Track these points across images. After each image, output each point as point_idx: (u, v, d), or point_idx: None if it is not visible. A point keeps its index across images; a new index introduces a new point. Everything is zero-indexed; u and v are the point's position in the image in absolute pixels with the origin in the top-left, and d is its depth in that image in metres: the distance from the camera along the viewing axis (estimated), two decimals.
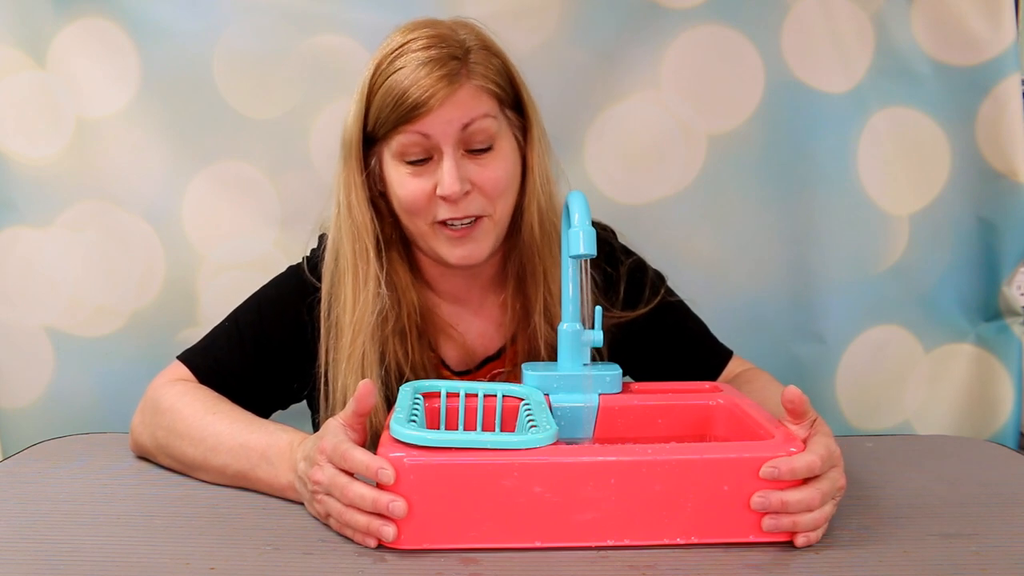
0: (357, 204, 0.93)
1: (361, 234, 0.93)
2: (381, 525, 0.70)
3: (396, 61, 0.88)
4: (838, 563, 0.68)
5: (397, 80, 0.87)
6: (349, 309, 0.93)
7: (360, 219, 0.93)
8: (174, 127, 1.30)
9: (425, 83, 0.86)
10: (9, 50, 1.28)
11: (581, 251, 0.78)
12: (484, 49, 0.91)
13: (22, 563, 0.69)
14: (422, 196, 0.90)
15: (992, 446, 1.04)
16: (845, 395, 1.38)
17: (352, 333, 0.92)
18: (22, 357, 1.33)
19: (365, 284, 0.93)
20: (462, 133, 0.89)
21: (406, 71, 0.87)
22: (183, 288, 1.32)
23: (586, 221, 0.79)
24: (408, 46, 0.89)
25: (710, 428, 0.87)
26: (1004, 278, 1.35)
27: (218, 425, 0.87)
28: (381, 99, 0.88)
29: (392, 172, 0.92)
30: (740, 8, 1.31)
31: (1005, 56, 1.28)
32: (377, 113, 0.89)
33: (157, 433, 0.90)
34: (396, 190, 0.92)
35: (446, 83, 0.86)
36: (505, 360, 1.01)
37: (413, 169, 0.90)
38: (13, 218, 1.31)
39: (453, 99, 0.87)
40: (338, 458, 0.73)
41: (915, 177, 1.35)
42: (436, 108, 0.87)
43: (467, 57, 0.89)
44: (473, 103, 0.89)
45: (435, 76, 0.86)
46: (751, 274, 1.35)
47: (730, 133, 1.33)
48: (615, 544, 0.69)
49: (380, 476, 0.69)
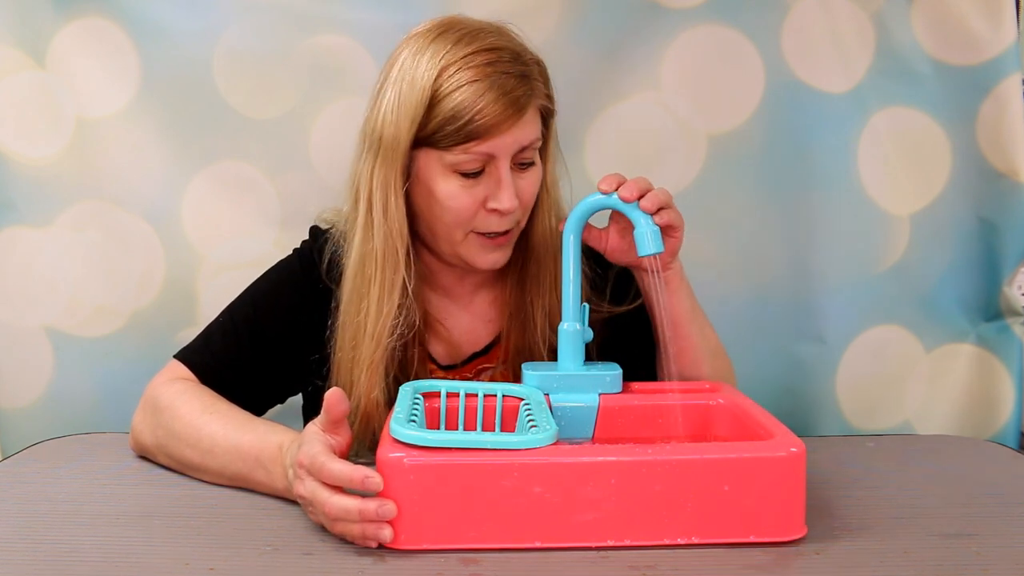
0: (396, 209, 0.90)
1: (394, 240, 0.91)
2: (377, 530, 0.69)
3: (465, 72, 0.86)
4: (838, 563, 0.68)
5: (469, 97, 0.86)
6: (373, 317, 0.91)
7: (397, 225, 0.90)
8: (174, 127, 1.29)
9: (500, 105, 0.86)
10: (9, 50, 1.27)
11: (651, 249, 0.83)
12: (537, 64, 0.93)
13: (22, 563, 0.69)
14: (472, 207, 0.90)
15: (993, 446, 1.04)
16: (845, 395, 1.38)
17: (375, 343, 0.91)
18: (22, 357, 1.33)
19: (391, 293, 0.91)
20: (519, 153, 0.90)
21: (479, 88, 0.86)
22: (183, 288, 1.32)
23: (650, 220, 0.83)
24: (476, 58, 0.87)
25: (710, 428, 0.87)
26: (1005, 278, 1.34)
27: (213, 426, 0.86)
28: (450, 111, 0.86)
29: (441, 182, 0.90)
30: (740, 8, 1.30)
31: (1006, 56, 1.28)
32: (442, 123, 0.87)
33: (157, 432, 0.90)
34: (445, 200, 0.90)
35: (517, 107, 0.87)
36: (493, 356, 1.01)
37: (466, 182, 0.90)
38: (13, 218, 1.31)
39: (521, 122, 0.88)
40: (316, 472, 0.72)
41: (916, 177, 1.34)
42: (506, 131, 0.87)
43: (530, 74, 0.90)
44: (533, 125, 0.91)
45: (509, 98, 0.87)
46: (751, 274, 1.35)
47: (730, 133, 1.33)
48: (615, 544, 0.69)
49: (368, 485, 0.69)
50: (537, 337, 0.97)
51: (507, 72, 0.87)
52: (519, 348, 0.99)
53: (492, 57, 0.88)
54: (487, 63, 0.87)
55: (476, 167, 0.89)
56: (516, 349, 0.99)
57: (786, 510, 0.71)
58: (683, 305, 0.94)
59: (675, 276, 0.93)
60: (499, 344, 1.01)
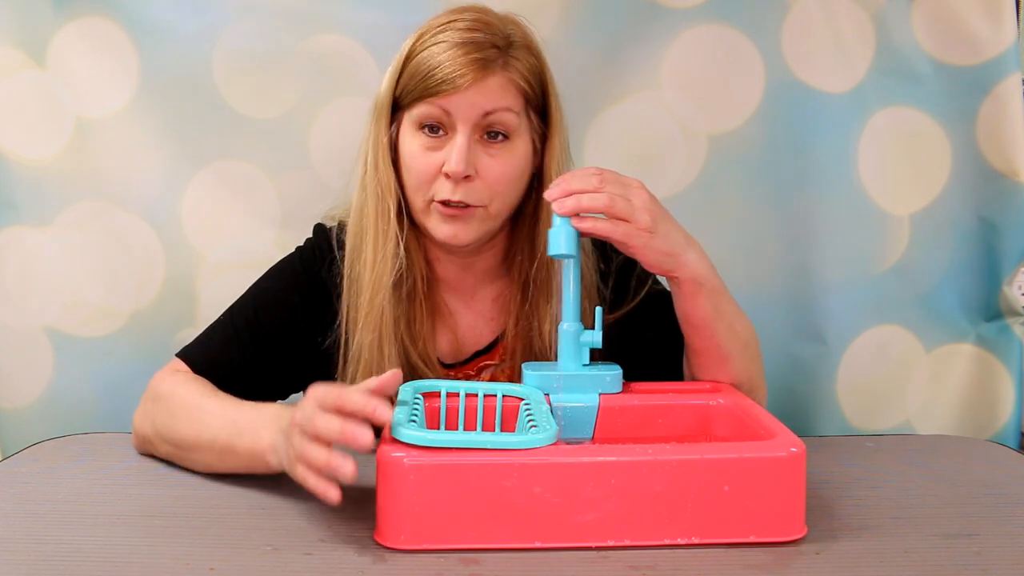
0: (383, 164, 0.94)
1: (385, 194, 0.94)
2: (341, 463, 0.68)
3: (439, 35, 0.91)
4: (838, 563, 0.68)
5: (433, 53, 0.90)
6: (369, 266, 0.94)
7: (385, 179, 0.94)
8: (174, 127, 1.30)
9: (459, 62, 0.88)
10: (9, 50, 1.27)
11: (562, 251, 0.81)
12: (526, 48, 0.94)
13: (22, 563, 0.69)
14: (430, 169, 0.92)
15: (993, 446, 1.04)
16: (845, 395, 1.38)
17: (372, 290, 0.94)
18: (22, 357, 1.33)
19: (385, 242, 0.94)
20: (482, 119, 0.91)
21: (444, 46, 0.89)
22: (183, 288, 1.32)
23: (566, 220, 0.82)
24: (454, 24, 0.91)
25: (710, 428, 0.87)
26: (1005, 278, 1.34)
27: (212, 404, 0.88)
28: (414, 68, 0.91)
29: (407, 141, 0.93)
30: (740, 8, 1.30)
31: (1006, 56, 1.28)
32: (407, 80, 0.92)
33: (156, 420, 0.92)
34: (407, 160, 0.93)
35: (479, 67, 0.89)
36: (495, 354, 1.02)
37: (427, 141, 0.92)
38: (13, 218, 1.31)
39: (482, 84, 0.89)
40: (330, 401, 0.70)
41: (915, 177, 1.34)
42: (464, 88, 0.89)
43: (507, 50, 0.91)
44: (500, 93, 0.91)
45: (471, 58, 0.88)
46: (751, 274, 1.35)
47: (730, 133, 1.33)
48: (615, 544, 0.69)
49: (378, 415, 0.68)
50: (540, 336, 0.97)
51: (477, 39, 0.90)
52: (521, 347, 1.00)
53: (470, 25, 0.91)
54: (462, 28, 0.90)
55: (433, 121, 0.91)
56: (518, 348, 1.00)
57: (786, 510, 0.71)
58: (701, 310, 0.90)
59: (689, 282, 0.88)
60: (502, 342, 1.02)
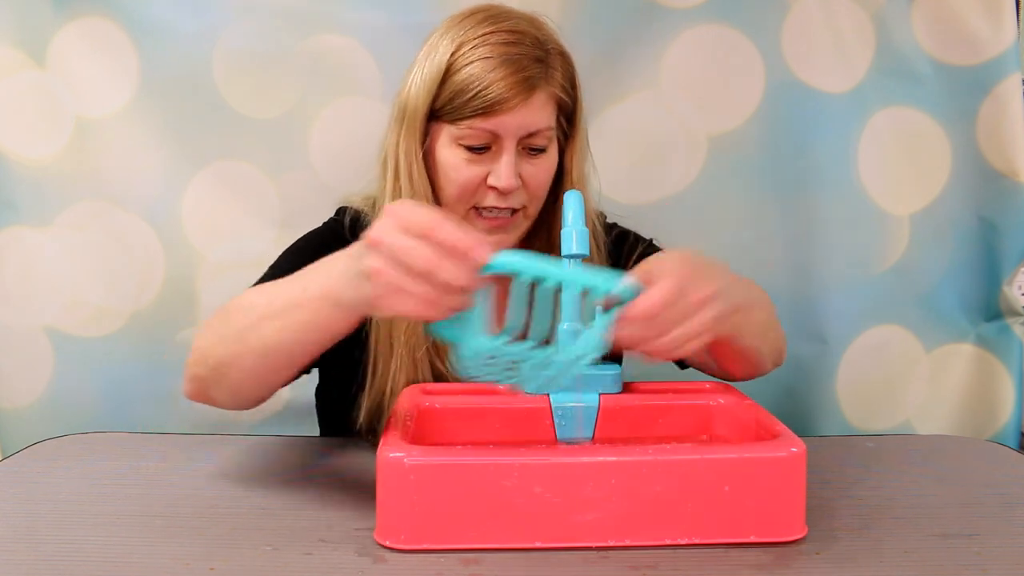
0: (419, 175, 0.94)
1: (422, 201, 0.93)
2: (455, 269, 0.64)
3: (480, 49, 0.89)
4: (838, 563, 0.68)
5: (479, 72, 0.89)
6: None
7: (421, 189, 0.94)
8: (174, 127, 1.30)
9: (509, 82, 0.88)
10: (8, 50, 1.28)
11: (574, 251, 0.79)
12: (560, 54, 0.94)
13: (22, 563, 0.69)
14: (474, 182, 0.92)
15: (993, 446, 1.04)
16: (845, 395, 1.38)
17: None
18: (22, 357, 1.33)
19: None
20: (525, 137, 0.91)
21: (490, 64, 0.89)
22: (183, 288, 1.32)
23: (580, 221, 0.80)
24: (492, 37, 0.90)
25: (710, 428, 0.87)
26: (1005, 278, 1.35)
27: (275, 283, 0.80)
28: (460, 84, 0.90)
29: (447, 154, 0.93)
30: (740, 8, 1.31)
31: (1006, 56, 1.28)
32: (451, 97, 0.90)
33: (216, 326, 0.83)
34: (449, 172, 0.93)
35: (527, 87, 0.89)
36: None
37: (471, 156, 0.92)
38: (13, 218, 1.31)
39: (529, 103, 0.90)
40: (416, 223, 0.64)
41: (915, 177, 1.35)
42: (512, 110, 0.89)
43: (547, 60, 0.92)
44: (544, 111, 0.91)
45: (519, 77, 0.88)
46: (751, 274, 1.32)
47: (730, 133, 1.33)
48: (616, 544, 0.69)
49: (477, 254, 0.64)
50: None
51: (521, 54, 0.89)
52: None
53: (509, 38, 0.90)
54: (503, 43, 0.90)
55: (480, 143, 0.91)
56: None
57: (786, 510, 0.71)
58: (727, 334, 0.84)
59: None
60: None
